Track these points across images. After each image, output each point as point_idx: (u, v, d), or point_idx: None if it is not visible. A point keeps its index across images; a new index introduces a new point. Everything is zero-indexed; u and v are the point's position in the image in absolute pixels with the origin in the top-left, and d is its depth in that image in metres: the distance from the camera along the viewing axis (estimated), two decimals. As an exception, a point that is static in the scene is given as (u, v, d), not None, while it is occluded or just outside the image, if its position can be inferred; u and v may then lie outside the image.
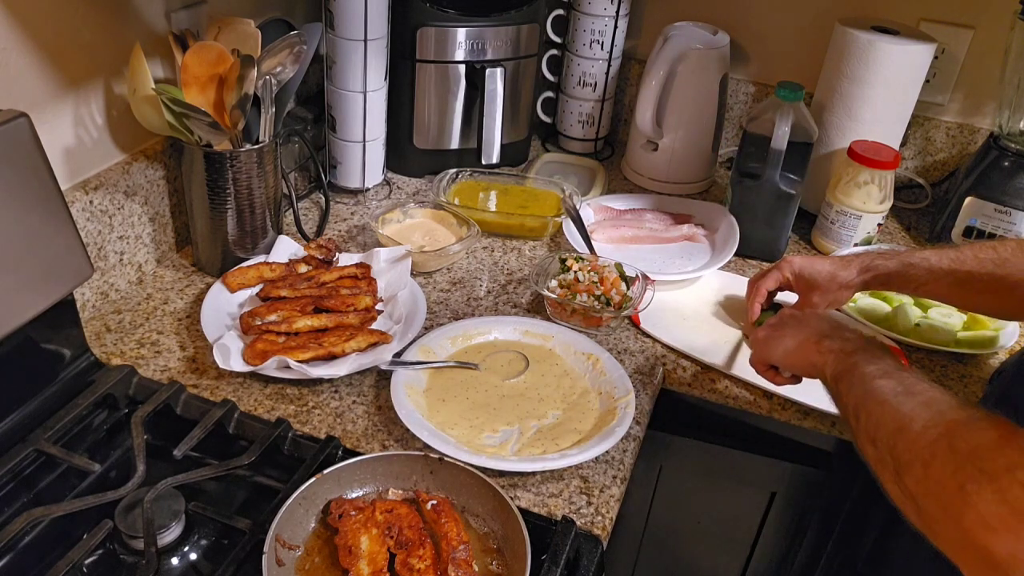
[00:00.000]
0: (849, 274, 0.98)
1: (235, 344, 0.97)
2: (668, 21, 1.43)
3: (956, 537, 0.54)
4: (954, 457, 0.55)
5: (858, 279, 0.98)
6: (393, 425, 0.91)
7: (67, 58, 0.94)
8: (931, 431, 0.58)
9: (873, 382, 0.67)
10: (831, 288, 0.99)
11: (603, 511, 0.84)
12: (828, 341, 0.77)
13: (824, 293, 1.00)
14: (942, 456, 0.55)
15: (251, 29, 1.03)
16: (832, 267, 0.99)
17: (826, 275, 0.99)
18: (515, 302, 1.15)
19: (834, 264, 1.00)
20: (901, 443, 0.60)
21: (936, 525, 0.56)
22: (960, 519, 0.52)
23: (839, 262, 1.00)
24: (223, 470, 0.81)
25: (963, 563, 0.54)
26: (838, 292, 1.00)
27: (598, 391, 0.98)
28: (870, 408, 0.65)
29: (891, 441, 0.61)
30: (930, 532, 0.57)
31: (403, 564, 0.73)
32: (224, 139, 1.03)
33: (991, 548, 0.51)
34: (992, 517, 0.51)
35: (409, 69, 1.35)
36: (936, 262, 0.91)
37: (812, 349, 0.78)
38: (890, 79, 1.26)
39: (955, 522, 0.53)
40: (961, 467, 0.54)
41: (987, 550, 0.51)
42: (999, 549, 0.50)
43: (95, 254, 1.02)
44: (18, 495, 0.81)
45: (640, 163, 1.48)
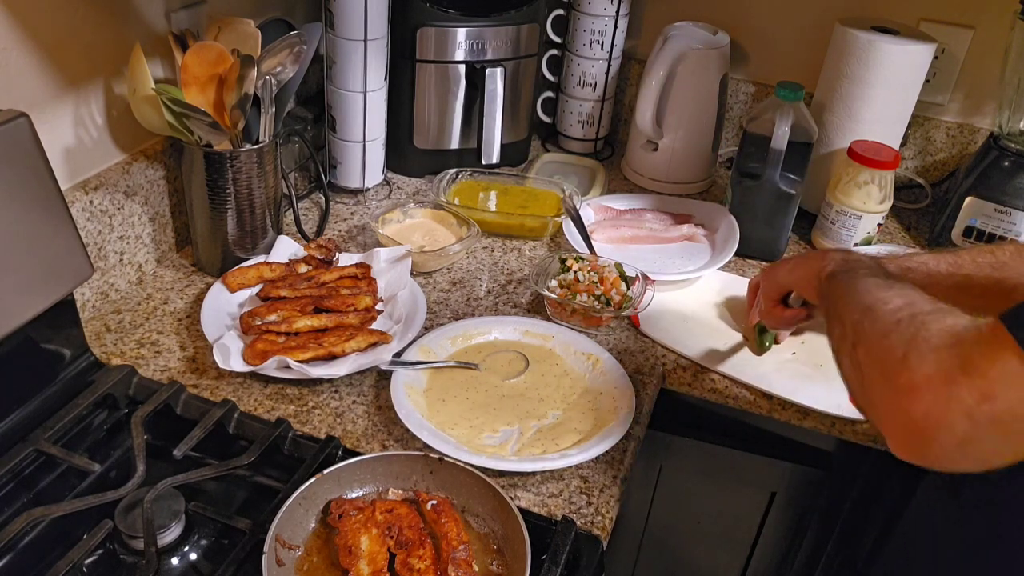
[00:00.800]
0: None
1: (235, 344, 0.97)
2: (668, 21, 1.43)
3: (885, 400, 0.58)
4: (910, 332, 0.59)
5: None
6: (393, 425, 0.91)
7: (67, 58, 0.94)
8: (900, 312, 0.62)
9: (863, 277, 0.71)
10: None
11: (603, 511, 0.84)
12: (833, 252, 0.81)
13: None
14: (899, 331, 0.59)
15: (251, 29, 1.03)
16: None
17: None
18: (515, 302, 1.15)
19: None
20: (867, 319, 0.64)
21: (871, 391, 0.61)
22: (894, 382, 0.57)
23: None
24: (223, 470, 0.81)
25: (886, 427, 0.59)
26: None
27: (598, 391, 0.98)
28: (849, 294, 0.70)
29: (858, 318, 0.65)
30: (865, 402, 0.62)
31: (403, 564, 0.73)
32: (224, 139, 1.03)
33: (910, 409, 0.55)
34: (921, 379, 0.55)
35: (409, 69, 1.35)
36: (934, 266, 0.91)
37: (817, 257, 0.82)
38: (890, 79, 1.26)
39: (889, 385, 0.58)
40: (912, 340, 0.58)
41: (907, 411, 0.56)
42: (917, 409, 0.55)
43: (95, 254, 1.02)
44: (18, 495, 0.81)
45: (640, 163, 1.48)
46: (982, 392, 0.53)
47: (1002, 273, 0.87)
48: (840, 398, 1.00)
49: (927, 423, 0.54)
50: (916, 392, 0.55)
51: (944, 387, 0.54)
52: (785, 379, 1.03)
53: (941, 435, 0.54)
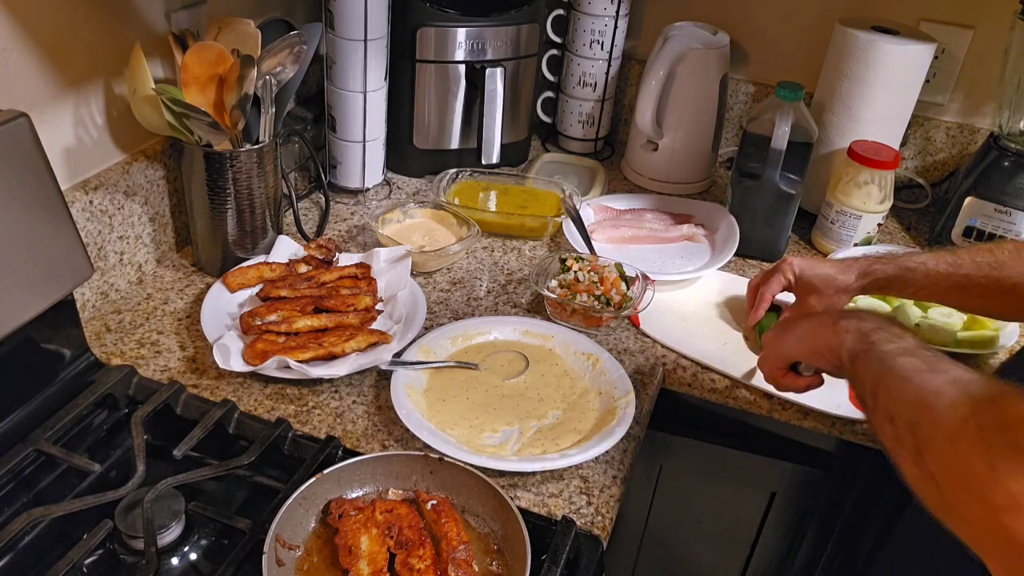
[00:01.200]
0: (848, 278, 0.98)
1: (235, 344, 0.97)
2: (668, 21, 1.43)
3: (980, 518, 0.51)
4: (982, 434, 0.51)
5: (856, 284, 0.98)
6: (393, 425, 0.91)
7: (67, 58, 0.94)
8: (958, 408, 0.55)
9: (894, 359, 0.64)
10: (829, 292, 1.00)
11: (603, 511, 0.84)
12: (845, 322, 0.73)
13: (822, 296, 1.00)
14: (970, 433, 0.52)
15: (251, 29, 1.03)
16: (832, 271, 0.99)
17: (825, 279, 0.99)
18: (515, 302, 1.15)
19: (834, 268, 1.00)
20: (924, 420, 0.56)
21: (958, 507, 0.53)
22: (986, 498, 0.49)
23: (839, 266, 1.00)
24: (223, 470, 0.81)
25: (984, 547, 0.51)
26: (836, 296, 1.00)
27: (598, 391, 0.98)
28: (890, 385, 0.62)
29: (913, 418, 0.58)
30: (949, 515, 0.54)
31: (403, 564, 0.73)
32: (224, 139, 1.03)
33: (1018, 528, 0.48)
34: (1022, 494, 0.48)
35: (409, 69, 1.35)
36: (933, 266, 0.91)
37: (828, 331, 0.74)
38: (890, 79, 1.26)
39: (980, 502, 0.50)
40: (990, 444, 0.50)
41: (1013, 530, 0.48)
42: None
43: (95, 254, 1.02)
44: (18, 495, 0.81)
45: (640, 163, 1.48)
46: None
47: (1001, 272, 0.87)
48: (840, 398, 1.00)
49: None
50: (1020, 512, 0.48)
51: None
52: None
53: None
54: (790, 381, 0.86)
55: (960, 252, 0.91)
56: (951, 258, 0.91)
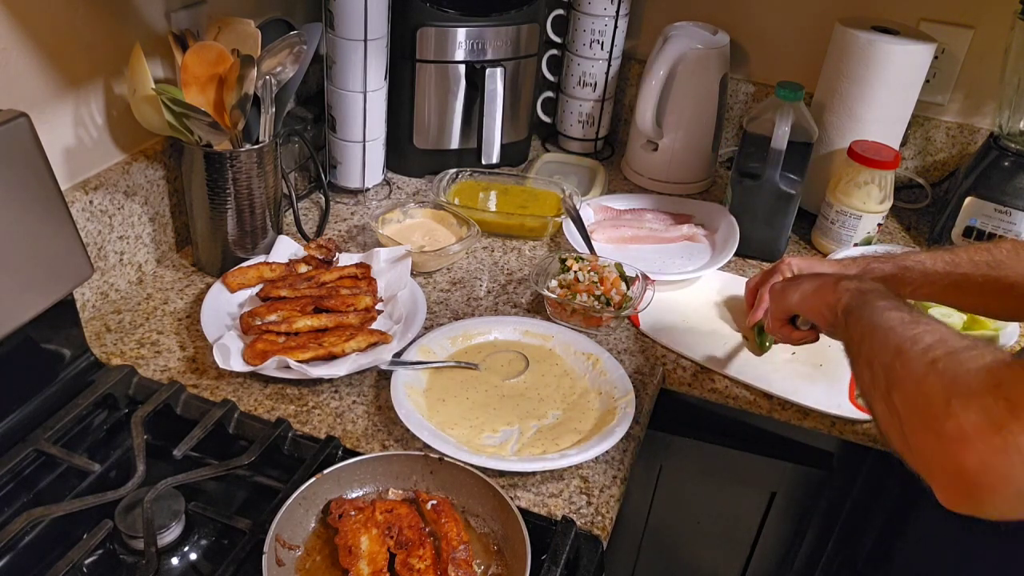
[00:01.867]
0: None
1: (235, 344, 0.97)
2: (668, 21, 1.43)
3: (932, 450, 0.55)
4: (948, 375, 0.56)
5: None
6: (393, 425, 0.91)
7: (67, 58, 0.94)
8: (931, 352, 0.59)
9: (883, 313, 0.68)
10: None
11: (603, 511, 0.84)
12: (846, 282, 0.78)
13: None
14: (936, 374, 0.57)
15: (251, 29, 1.03)
16: (830, 270, 0.99)
17: None
18: (515, 302, 1.15)
19: (832, 268, 1.00)
20: (899, 362, 0.61)
21: (914, 439, 0.57)
22: (939, 431, 0.54)
23: (837, 266, 1.00)
24: (223, 470, 0.81)
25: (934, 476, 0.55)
26: None
27: (598, 391, 0.98)
28: (875, 335, 0.66)
29: (889, 361, 0.62)
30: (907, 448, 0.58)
31: (403, 564, 0.73)
32: (224, 139, 1.03)
33: (963, 459, 0.52)
34: (970, 427, 0.52)
35: (409, 69, 1.35)
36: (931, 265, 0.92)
37: (829, 289, 0.79)
38: (890, 79, 1.26)
39: (934, 434, 0.54)
40: (952, 384, 0.55)
41: (959, 462, 0.52)
42: (971, 459, 0.52)
43: (95, 254, 1.02)
44: (18, 495, 0.81)
45: (640, 163, 1.48)
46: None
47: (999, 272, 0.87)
48: (840, 398, 1.00)
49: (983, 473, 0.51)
50: (967, 441, 0.52)
51: (997, 435, 0.51)
52: (785, 379, 1.03)
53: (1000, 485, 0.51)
54: (787, 332, 0.92)
55: (958, 251, 0.91)
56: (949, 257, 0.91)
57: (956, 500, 0.54)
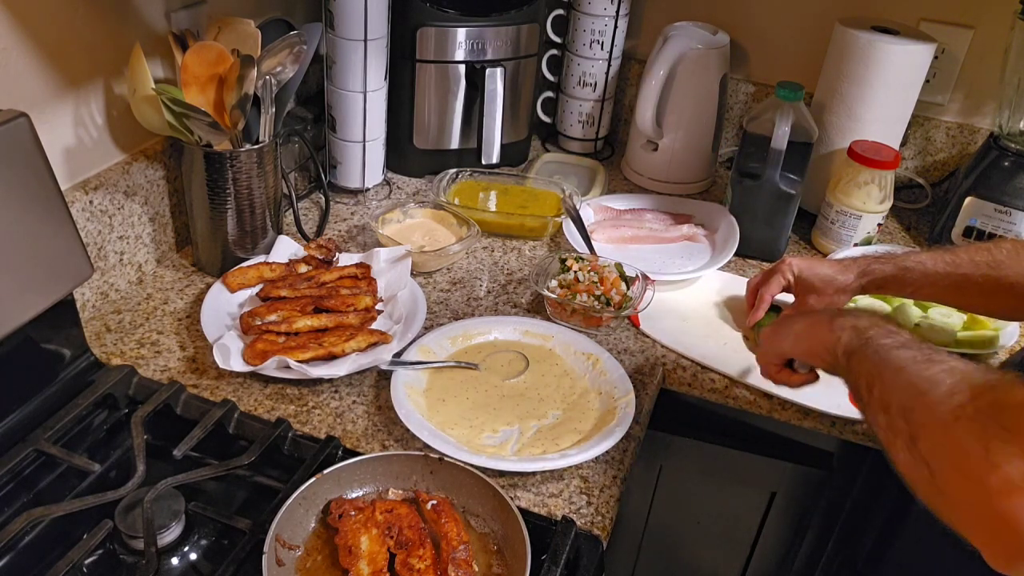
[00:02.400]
0: (847, 278, 0.98)
1: (235, 344, 0.97)
2: (668, 21, 1.43)
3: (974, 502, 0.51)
4: (979, 418, 0.52)
5: (855, 283, 0.98)
6: (393, 425, 0.91)
7: (67, 58, 0.94)
8: (955, 395, 0.55)
9: (890, 352, 0.64)
10: (828, 292, 1.00)
11: (603, 511, 0.84)
12: (840, 319, 0.74)
13: (821, 296, 1.00)
14: (966, 418, 0.52)
15: (251, 29, 1.03)
16: (831, 271, 0.99)
17: (824, 279, 0.99)
18: (515, 302, 1.15)
19: (833, 268, 1.00)
20: (920, 407, 0.57)
21: (951, 491, 0.53)
22: (982, 481, 0.49)
23: (838, 266, 1.00)
24: (223, 470, 0.81)
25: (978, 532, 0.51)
26: (835, 296, 1.00)
27: (598, 391, 0.98)
28: (885, 377, 0.63)
29: (908, 405, 0.58)
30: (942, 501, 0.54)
31: (403, 564, 0.73)
32: (224, 139, 1.03)
33: (1014, 510, 0.48)
34: (1020, 479, 0.48)
35: (409, 69, 1.35)
36: (932, 266, 0.91)
37: (824, 328, 0.75)
38: (890, 79, 1.26)
39: (976, 485, 0.50)
40: (986, 428, 0.51)
41: (1010, 513, 0.48)
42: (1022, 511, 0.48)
43: (95, 254, 1.02)
44: (18, 495, 0.81)
45: (640, 163, 1.48)
46: None
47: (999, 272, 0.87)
48: (840, 398, 1.00)
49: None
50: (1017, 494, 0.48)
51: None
52: (785, 379, 1.03)
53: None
54: (785, 377, 0.88)
55: (958, 251, 0.91)
56: (949, 257, 0.91)
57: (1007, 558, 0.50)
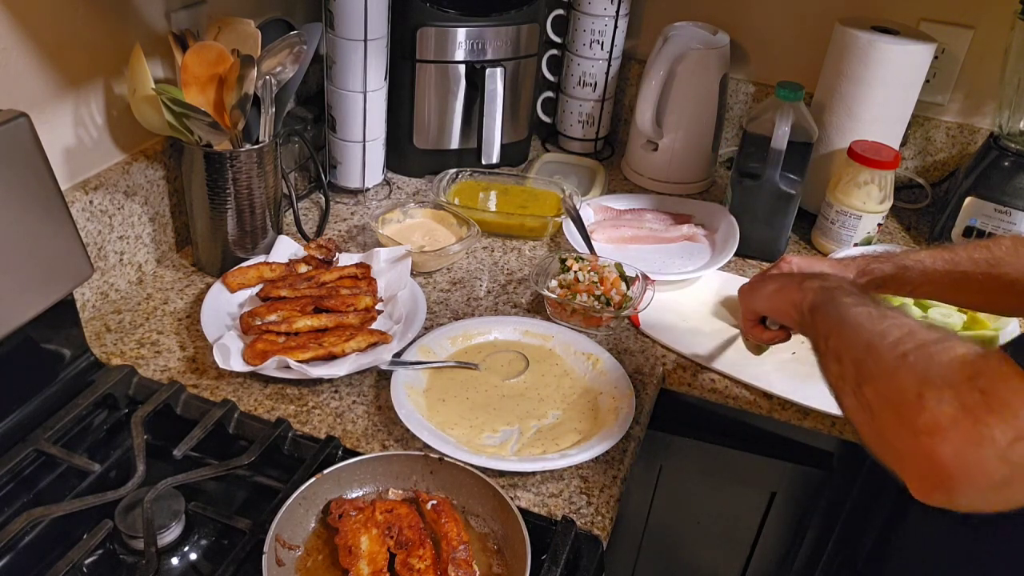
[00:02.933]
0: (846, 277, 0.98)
1: (235, 344, 0.97)
2: (668, 21, 1.43)
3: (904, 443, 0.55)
4: (920, 367, 0.56)
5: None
6: (393, 425, 0.91)
7: (67, 58, 0.94)
8: (902, 345, 0.58)
9: (850, 309, 0.68)
10: None
11: (603, 511, 0.84)
12: (810, 281, 0.78)
13: None
14: (907, 367, 0.56)
15: (251, 29, 1.03)
16: (830, 270, 0.99)
17: None
18: (515, 302, 1.15)
19: (832, 267, 1.00)
20: (870, 357, 0.61)
21: (886, 433, 0.57)
22: (912, 422, 0.53)
23: (837, 265, 1.00)
24: (223, 470, 0.81)
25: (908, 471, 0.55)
26: None
27: (598, 391, 0.98)
28: (843, 331, 0.66)
29: (858, 356, 0.62)
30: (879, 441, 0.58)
31: (403, 564, 0.73)
32: (224, 139, 1.03)
33: (937, 450, 0.51)
34: (944, 418, 0.51)
35: (409, 69, 1.35)
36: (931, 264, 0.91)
37: (794, 288, 0.79)
38: (890, 79, 1.26)
39: (907, 426, 0.54)
40: (924, 376, 0.54)
41: (933, 453, 0.52)
42: (945, 451, 0.51)
43: (95, 254, 1.02)
44: (18, 495, 0.81)
45: (640, 163, 1.48)
46: (1016, 431, 0.49)
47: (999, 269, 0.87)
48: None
49: (957, 466, 0.51)
50: (941, 432, 0.51)
51: (972, 427, 0.50)
52: (785, 379, 1.03)
53: (974, 478, 0.51)
54: (758, 333, 0.94)
55: (957, 249, 0.91)
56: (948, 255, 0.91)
57: (929, 492, 0.54)
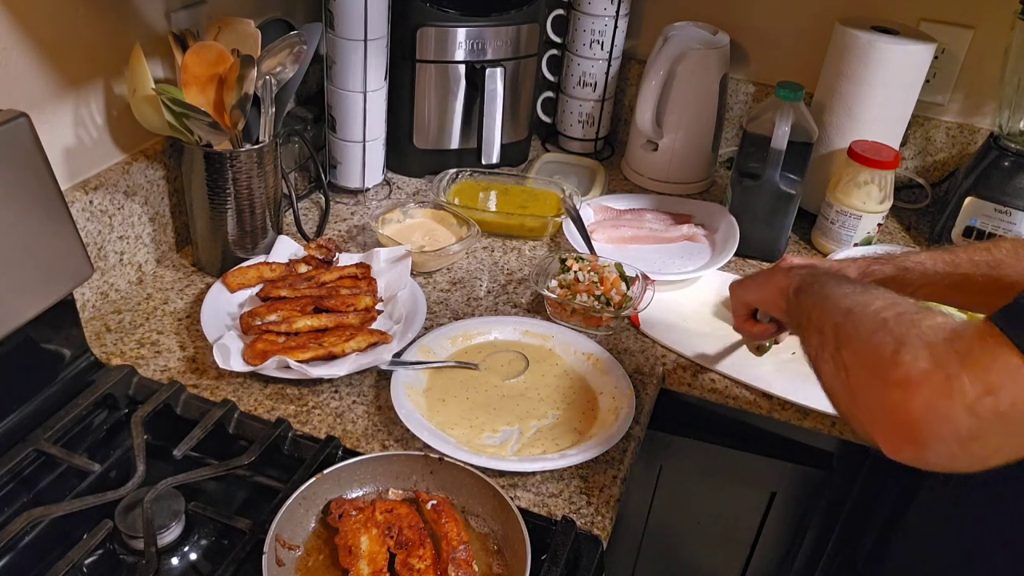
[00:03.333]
0: None
1: (235, 344, 0.97)
2: (668, 21, 1.43)
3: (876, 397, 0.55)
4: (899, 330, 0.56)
5: None
6: (393, 425, 0.91)
7: (67, 58, 0.94)
8: (883, 312, 0.59)
9: (834, 287, 0.69)
10: None
11: (603, 511, 0.84)
12: (798, 268, 0.81)
13: None
14: (886, 330, 0.57)
15: (251, 29, 1.03)
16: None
17: None
18: (515, 302, 1.15)
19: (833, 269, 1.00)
20: (849, 321, 0.62)
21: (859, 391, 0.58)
22: (885, 378, 0.54)
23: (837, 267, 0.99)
24: (223, 470, 0.81)
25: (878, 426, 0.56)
26: None
27: (598, 391, 0.98)
28: (825, 304, 0.67)
29: (839, 322, 0.63)
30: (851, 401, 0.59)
31: (403, 564, 0.73)
32: (224, 139, 1.03)
33: (908, 403, 0.52)
34: (917, 373, 0.52)
35: (409, 69, 1.35)
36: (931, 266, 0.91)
37: (781, 275, 0.81)
38: (890, 79, 1.26)
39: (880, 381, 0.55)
40: (903, 337, 0.55)
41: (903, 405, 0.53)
42: (915, 403, 0.52)
43: (95, 254, 1.02)
44: (18, 495, 0.81)
45: (640, 163, 1.48)
46: (985, 386, 0.50)
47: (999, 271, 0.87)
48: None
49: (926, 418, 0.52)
50: (913, 386, 0.52)
51: (944, 381, 0.51)
52: (785, 379, 1.03)
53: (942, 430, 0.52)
54: (749, 326, 0.94)
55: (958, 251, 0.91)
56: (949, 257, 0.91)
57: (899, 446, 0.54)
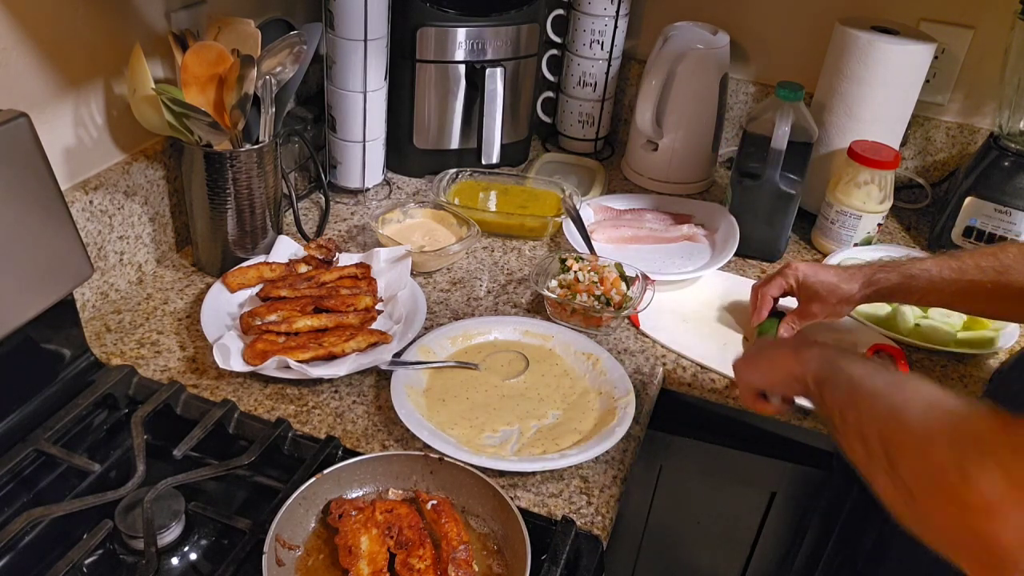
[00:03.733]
0: (851, 288, 0.98)
1: (235, 344, 0.97)
2: (668, 21, 1.43)
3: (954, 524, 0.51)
4: (955, 440, 0.52)
5: (860, 293, 0.98)
6: (393, 425, 0.91)
7: (67, 58, 0.94)
8: (929, 418, 0.56)
9: (862, 380, 0.65)
10: (831, 300, 0.99)
11: (603, 511, 0.84)
12: (805, 350, 0.75)
13: (824, 304, 1.00)
14: (942, 441, 0.53)
15: (251, 29, 1.03)
16: (835, 279, 0.99)
17: (829, 287, 0.99)
18: (515, 302, 1.15)
19: (838, 276, 0.99)
20: (897, 433, 0.57)
21: (934, 515, 0.53)
22: (962, 503, 0.50)
23: (843, 274, 0.99)
24: (223, 470, 0.81)
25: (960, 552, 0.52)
26: (838, 305, 0.99)
27: (598, 391, 0.98)
28: (859, 404, 0.63)
29: (884, 432, 0.58)
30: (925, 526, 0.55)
31: (403, 564, 0.73)
32: (224, 139, 1.03)
33: (995, 532, 0.48)
34: (997, 497, 0.48)
35: (409, 69, 1.35)
36: (937, 272, 0.91)
37: (790, 361, 0.76)
38: (890, 79, 1.26)
39: (957, 507, 0.50)
40: (963, 451, 0.51)
41: (990, 535, 0.49)
42: (1004, 532, 0.48)
43: (95, 254, 1.02)
44: (18, 495, 0.81)
45: (640, 163, 1.48)
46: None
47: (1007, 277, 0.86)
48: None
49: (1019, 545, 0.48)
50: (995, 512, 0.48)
51: None
52: (785, 379, 1.03)
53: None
54: (762, 406, 0.87)
55: (964, 257, 0.90)
56: (955, 264, 0.90)
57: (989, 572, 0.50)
